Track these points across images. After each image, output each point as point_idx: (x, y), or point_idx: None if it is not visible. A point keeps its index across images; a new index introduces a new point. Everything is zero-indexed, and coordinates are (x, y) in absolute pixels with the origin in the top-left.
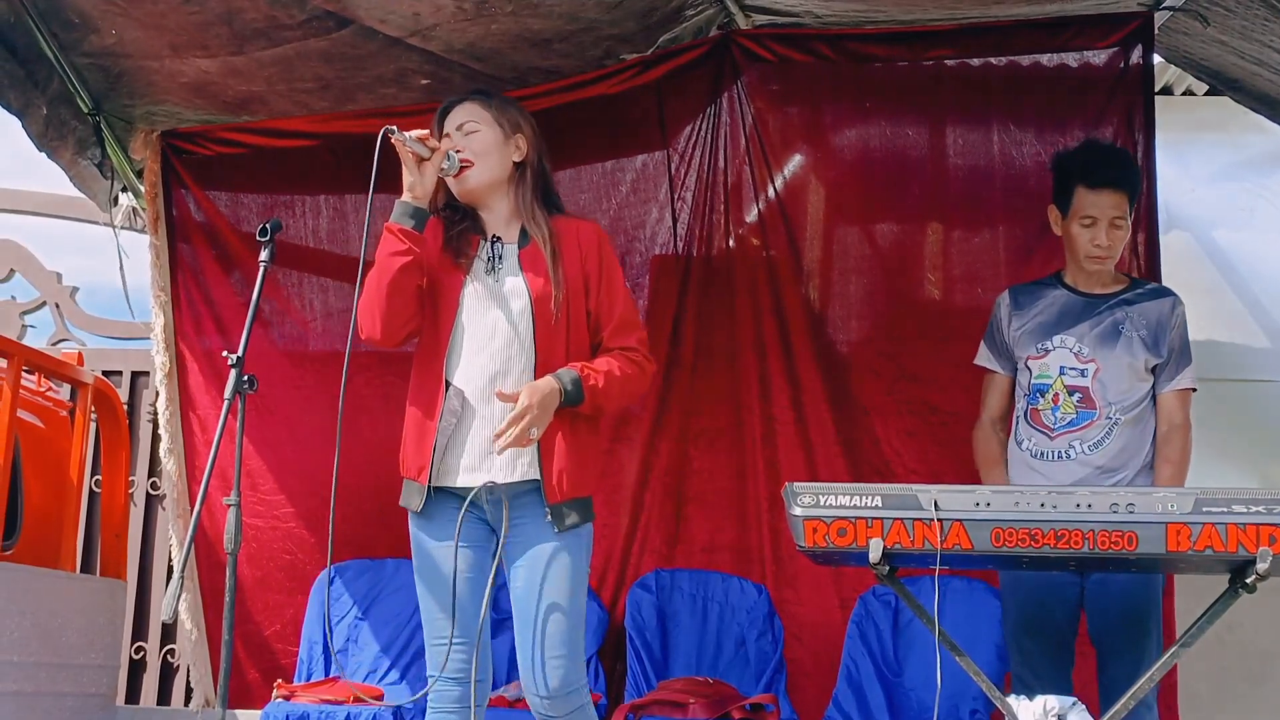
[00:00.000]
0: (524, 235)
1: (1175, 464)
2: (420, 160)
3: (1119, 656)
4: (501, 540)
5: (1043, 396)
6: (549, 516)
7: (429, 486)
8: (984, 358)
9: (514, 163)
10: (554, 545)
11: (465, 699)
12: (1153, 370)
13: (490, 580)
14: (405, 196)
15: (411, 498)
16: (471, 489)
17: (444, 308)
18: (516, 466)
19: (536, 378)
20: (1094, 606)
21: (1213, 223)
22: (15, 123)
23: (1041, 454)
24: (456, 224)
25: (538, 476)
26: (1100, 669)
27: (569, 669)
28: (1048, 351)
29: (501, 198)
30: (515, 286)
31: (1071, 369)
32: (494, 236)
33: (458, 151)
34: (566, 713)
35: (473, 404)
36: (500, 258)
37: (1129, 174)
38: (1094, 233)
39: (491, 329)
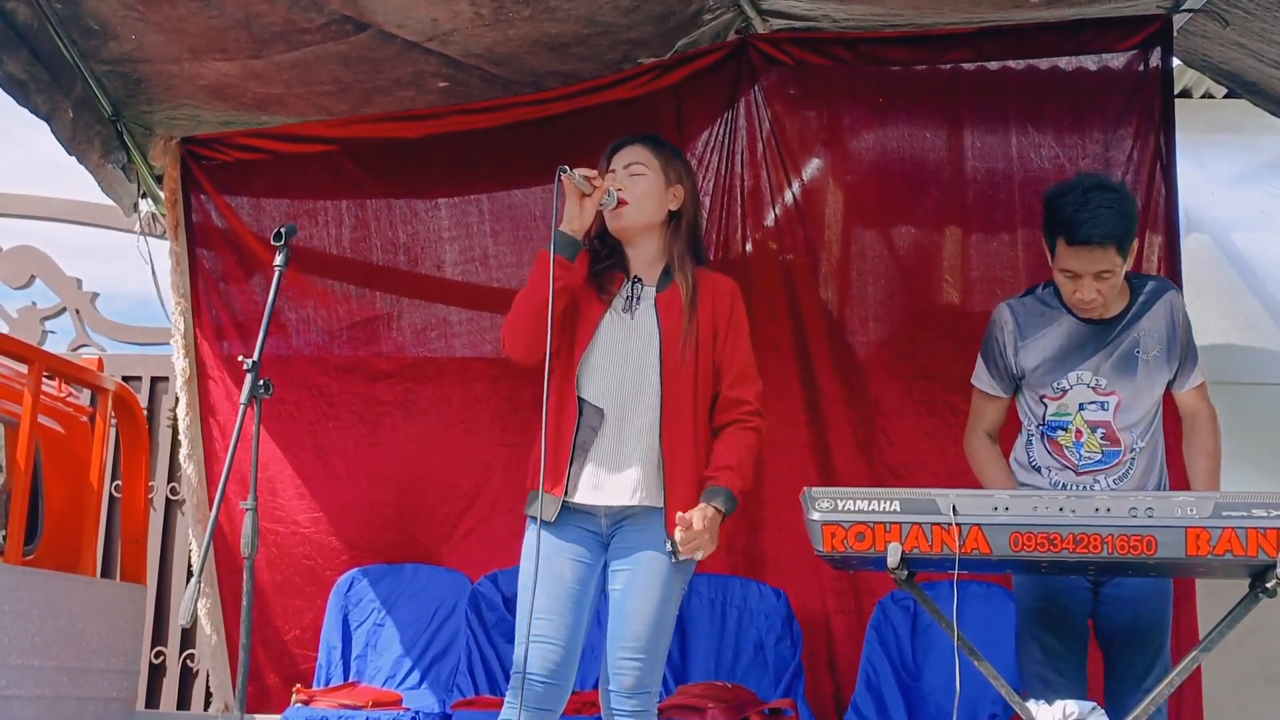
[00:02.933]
0: (664, 278)
1: (1210, 454)
2: (582, 196)
3: (1129, 661)
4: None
5: (1062, 431)
6: (668, 545)
7: (564, 500)
8: (984, 380)
9: (669, 210)
10: (660, 560)
11: (542, 701)
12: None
13: (594, 596)
14: (564, 227)
15: (547, 508)
16: (593, 506)
17: (581, 332)
18: (640, 492)
19: (663, 412)
20: (1106, 612)
21: (1232, 225)
22: (34, 130)
23: (1064, 487)
24: (604, 259)
25: (659, 505)
26: (1108, 672)
27: (646, 671)
28: (1065, 391)
29: (650, 240)
30: (648, 327)
31: (1091, 403)
32: (635, 277)
33: (619, 190)
34: (633, 713)
35: (605, 425)
36: (639, 299)
37: (1117, 227)
38: (1077, 286)
39: (624, 360)
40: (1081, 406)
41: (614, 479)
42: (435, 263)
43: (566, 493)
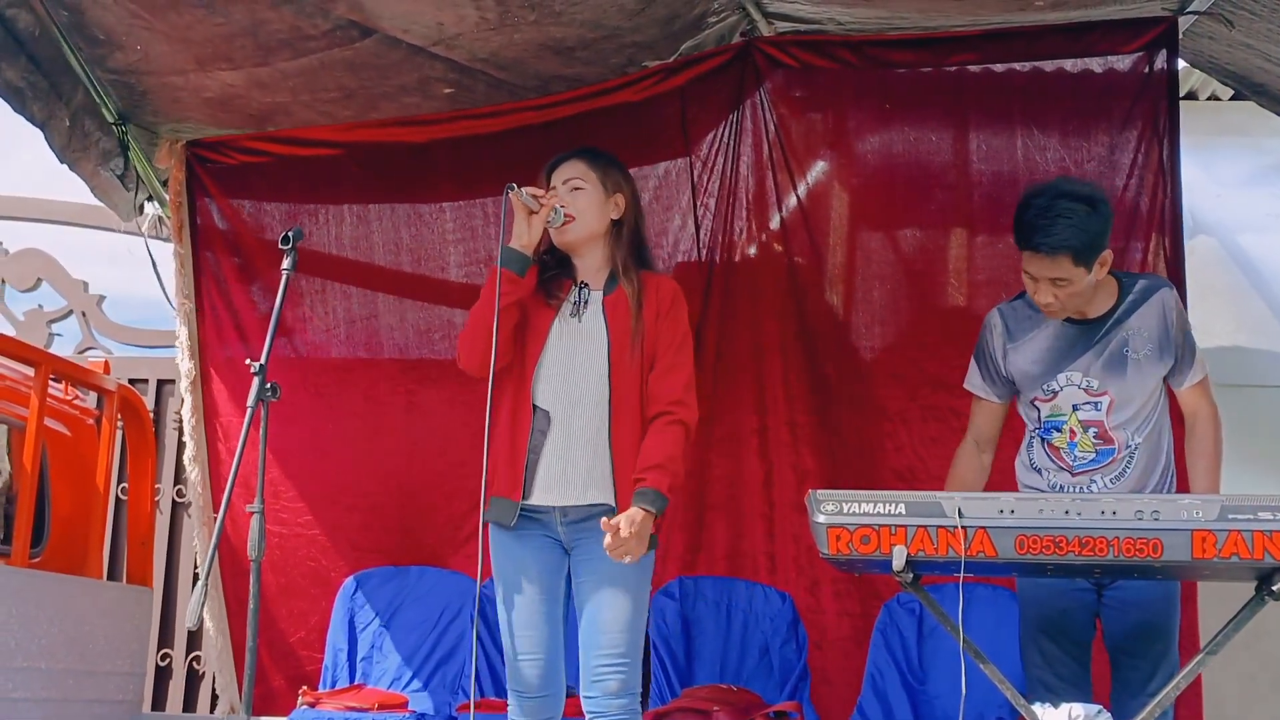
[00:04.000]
0: (609, 283)
1: (1209, 455)
2: (530, 213)
3: (1135, 663)
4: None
5: (1057, 432)
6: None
7: (520, 504)
8: (975, 384)
9: (611, 220)
10: (620, 564)
11: (539, 712)
12: (1166, 375)
13: (564, 600)
14: (513, 243)
15: (505, 514)
16: (546, 507)
17: (531, 341)
18: (590, 490)
19: (611, 411)
20: (1111, 614)
21: (1238, 228)
22: (36, 133)
23: (1062, 488)
24: (551, 268)
25: (609, 502)
26: (1114, 675)
27: (628, 675)
28: (1056, 393)
29: (596, 249)
30: (596, 329)
31: (1084, 404)
32: (583, 283)
33: (563, 206)
34: (620, 713)
35: (555, 428)
36: (586, 303)
37: (1074, 238)
38: (1036, 288)
39: (571, 364)
40: (1075, 408)
41: (565, 479)
42: (439, 264)
43: (523, 496)
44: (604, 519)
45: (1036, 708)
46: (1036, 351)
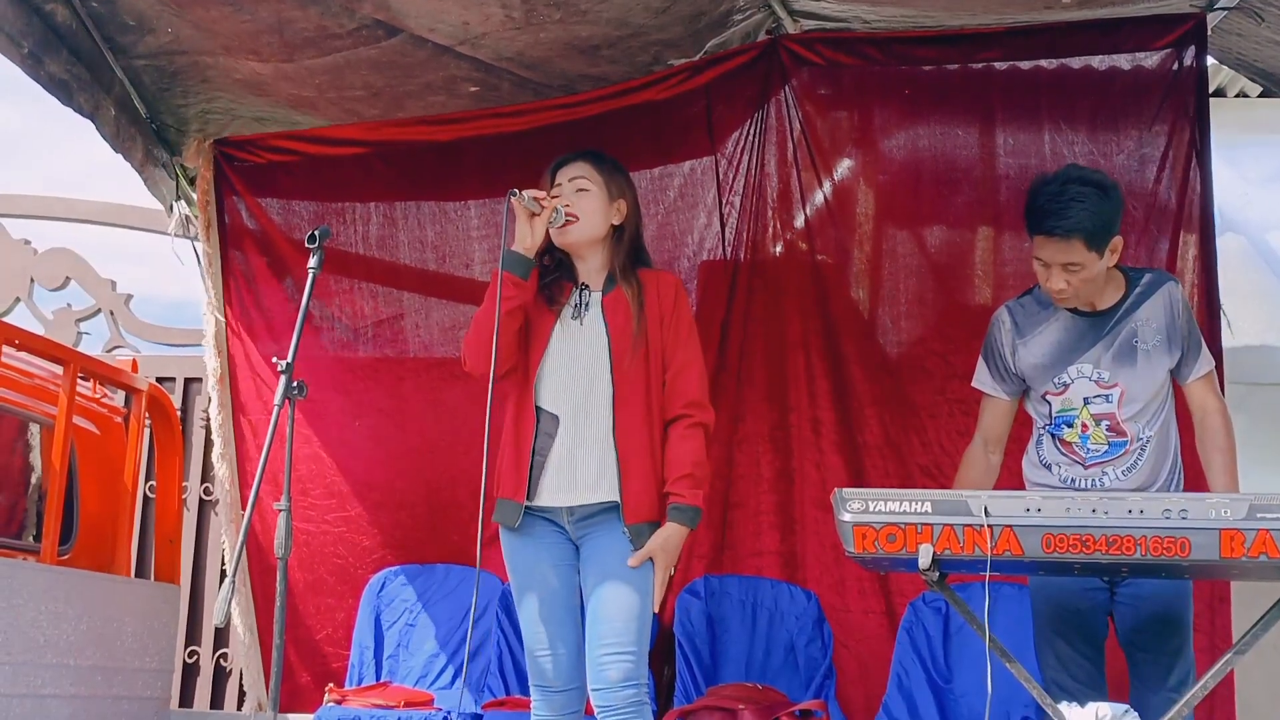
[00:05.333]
0: (609, 283)
1: (1224, 450)
2: (532, 216)
3: (1152, 658)
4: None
5: (1069, 427)
6: (627, 535)
7: (525, 505)
8: (984, 382)
9: (612, 224)
10: (625, 557)
11: (563, 706)
12: (1173, 369)
13: (580, 594)
14: (515, 246)
15: (508, 515)
16: (554, 508)
17: (534, 343)
18: (598, 489)
19: (615, 411)
20: (1124, 611)
21: (1267, 226)
22: (71, 135)
23: (1074, 481)
24: (551, 272)
25: (616, 499)
26: (1132, 670)
27: (632, 664)
28: (1067, 385)
29: (596, 253)
30: (597, 331)
31: (1095, 397)
32: (583, 284)
33: (566, 206)
34: (627, 704)
35: (561, 430)
36: (587, 305)
37: (1086, 221)
38: (1048, 274)
39: (576, 365)
40: (1087, 401)
41: (571, 480)
42: (464, 261)
43: (528, 497)
44: (634, 558)
45: (1063, 706)
46: (1046, 345)
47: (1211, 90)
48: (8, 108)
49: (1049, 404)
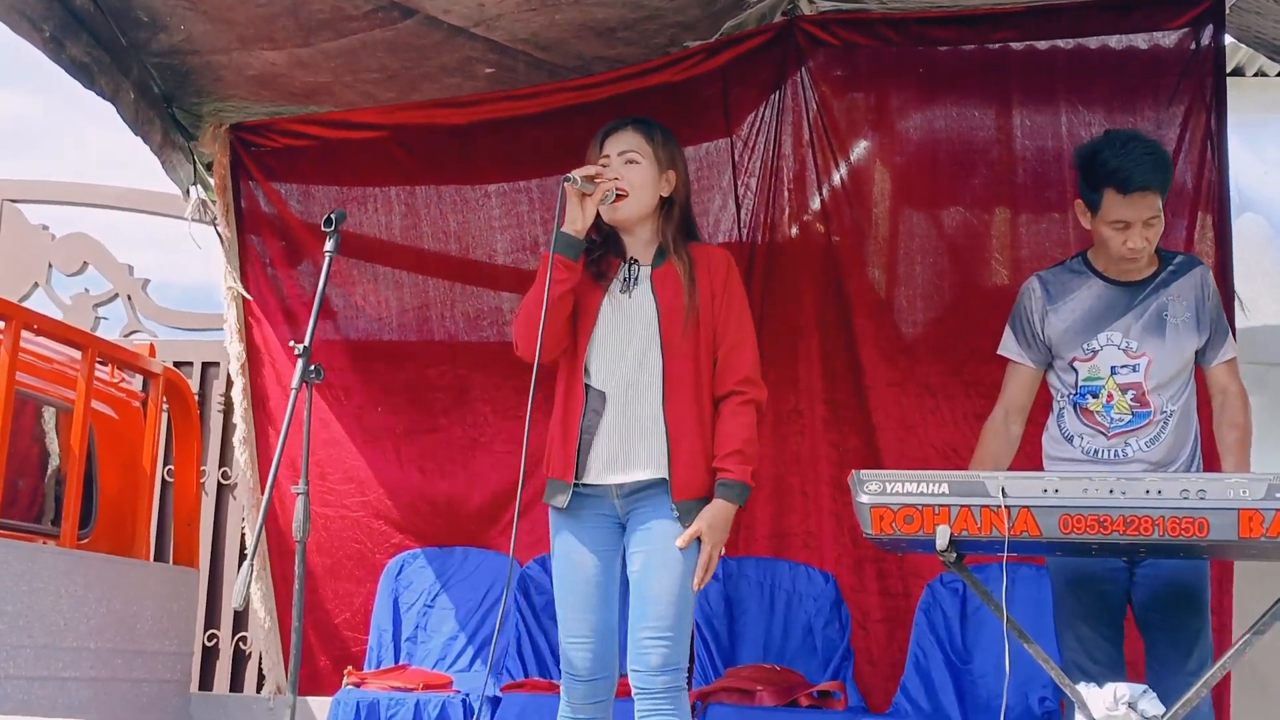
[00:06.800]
0: (659, 257)
1: (1240, 427)
2: (583, 196)
3: (1171, 639)
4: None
5: (1094, 397)
6: (675, 513)
7: (575, 485)
8: (1010, 349)
9: (662, 196)
10: (674, 536)
11: (591, 695)
12: (1198, 350)
13: (620, 582)
14: (566, 228)
15: (556, 495)
16: (604, 486)
17: (583, 320)
18: (647, 466)
19: (665, 388)
20: (1143, 590)
21: None
22: (88, 123)
23: (1096, 452)
24: (598, 247)
25: (665, 476)
26: (1149, 654)
27: (672, 649)
28: (1095, 352)
29: (646, 226)
30: (646, 304)
31: (1123, 366)
32: (632, 259)
33: (615, 179)
34: (664, 690)
35: (610, 407)
36: (636, 280)
37: (1161, 172)
38: (1127, 235)
39: (625, 341)
40: (1114, 370)
41: (621, 457)
42: (487, 251)
43: (577, 476)
44: (681, 538)
45: (1081, 687)
46: (1077, 311)
47: (1230, 69)
48: (28, 97)
49: (1075, 371)
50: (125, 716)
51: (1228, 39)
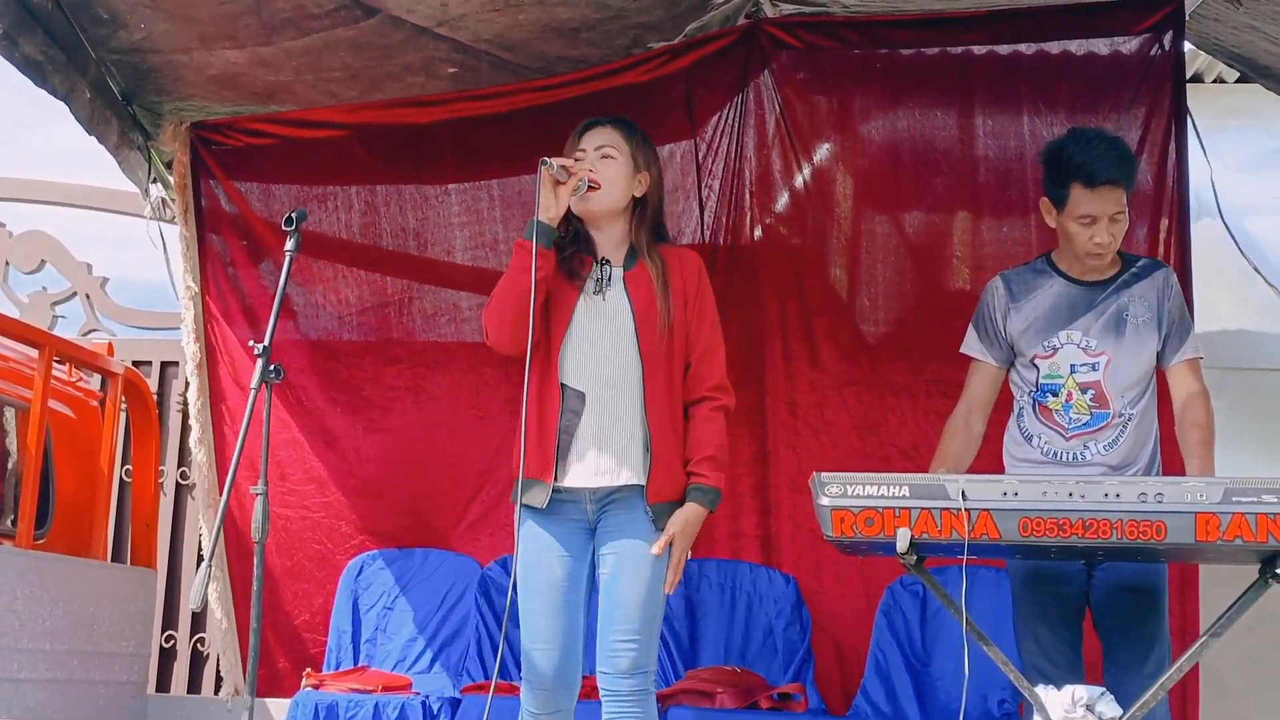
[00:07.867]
0: (629, 258)
1: (1203, 427)
2: (557, 184)
3: (1128, 643)
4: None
5: (1053, 395)
6: (649, 515)
7: (553, 485)
8: (973, 347)
9: (634, 196)
10: (648, 539)
11: (551, 703)
12: (1158, 352)
13: (587, 588)
14: (540, 216)
15: (534, 495)
16: (580, 489)
17: (557, 317)
18: (627, 470)
19: (645, 388)
20: (1101, 592)
21: (1243, 211)
22: (45, 116)
23: (1056, 454)
24: (569, 244)
25: (640, 482)
26: (1107, 657)
27: (641, 653)
28: (1056, 350)
29: (616, 224)
30: (620, 306)
31: (1082, 365)
32: (603, 259)
33: (590, 172)
34: (632, 693)
35: (589, 408)
36: (609, 280)
37: (1126, 167)
38: (1093, 230)
39: (598, 343)
40: (1073, 369)
41: (600, 461)
42: (445, 248)
43: (555, 478)
44: (656, 545)
45: (1040, 689)
46: (1039, 309)
47: (1189, 75)
48: None
49: (1036, 369)
50: (82, 718)
51: (1187, 45)
